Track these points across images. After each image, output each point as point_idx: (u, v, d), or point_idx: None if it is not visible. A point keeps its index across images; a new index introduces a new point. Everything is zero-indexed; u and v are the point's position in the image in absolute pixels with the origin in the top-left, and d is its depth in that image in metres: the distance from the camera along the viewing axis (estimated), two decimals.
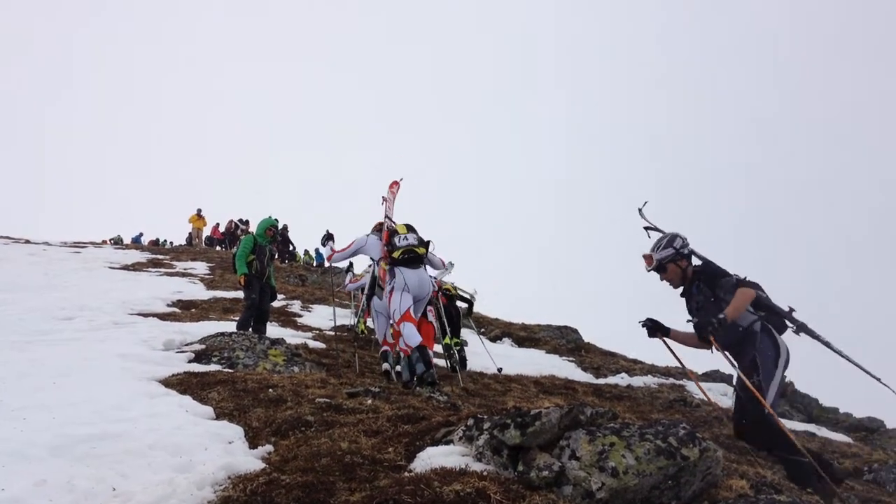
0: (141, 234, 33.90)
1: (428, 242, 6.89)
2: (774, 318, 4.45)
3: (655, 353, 15.26)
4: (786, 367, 4.29)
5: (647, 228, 5.22)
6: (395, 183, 8.24)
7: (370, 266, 8.12)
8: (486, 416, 3.53)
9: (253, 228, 9.71)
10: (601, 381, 10.86)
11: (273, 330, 9.96)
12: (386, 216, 7.41)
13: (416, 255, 6.67)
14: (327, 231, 7.85)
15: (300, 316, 13.17)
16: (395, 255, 6.64)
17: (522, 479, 3.02)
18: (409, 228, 6.91)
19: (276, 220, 9.63)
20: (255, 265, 9.14)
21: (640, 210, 5.40)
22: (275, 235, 9.47)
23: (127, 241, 32.09)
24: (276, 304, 13.47)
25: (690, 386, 11.04)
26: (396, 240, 6.76)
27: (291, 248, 28.32)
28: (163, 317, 10.37)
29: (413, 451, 3.51)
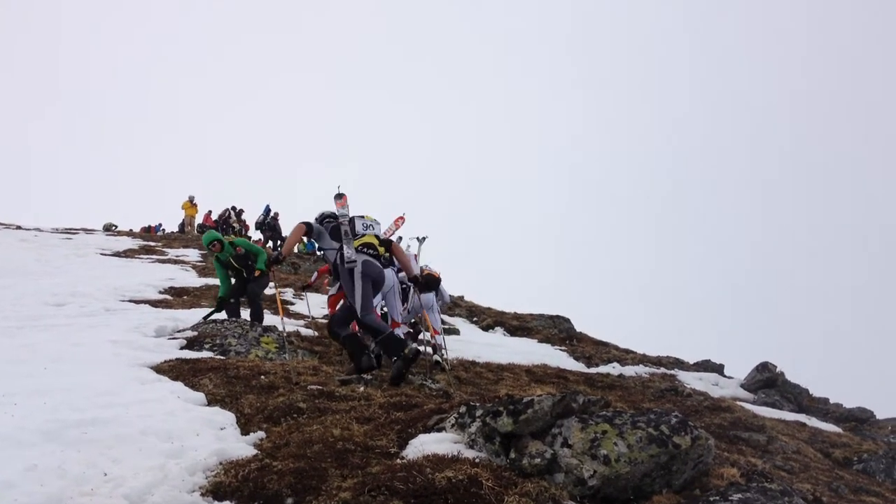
0: (160, 225, 33.31)
1: (389, 242, 7.57)
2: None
3: (647, 343, 15.32)
4: (363, 277, 5.80)
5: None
6: (400, 218, 10.09)
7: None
8: (478, 404, 3.54)
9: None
10: (593, 370, 10.89)
11: (264, 318, 9.93)
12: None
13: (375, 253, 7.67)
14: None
15: (292, 304, 13.14)
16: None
17: (514, 466, 3.03)
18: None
19: (216, 233, 9.15)
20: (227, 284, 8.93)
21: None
22: (222, 247, 9.07)
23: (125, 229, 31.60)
24: (267, 291, 13.40)
25: (682, 375, 11.09)
26: None
27: (278, 242, 27.96)
28: (154, 304, 10.32)
29: (405, 439, 3.52)
